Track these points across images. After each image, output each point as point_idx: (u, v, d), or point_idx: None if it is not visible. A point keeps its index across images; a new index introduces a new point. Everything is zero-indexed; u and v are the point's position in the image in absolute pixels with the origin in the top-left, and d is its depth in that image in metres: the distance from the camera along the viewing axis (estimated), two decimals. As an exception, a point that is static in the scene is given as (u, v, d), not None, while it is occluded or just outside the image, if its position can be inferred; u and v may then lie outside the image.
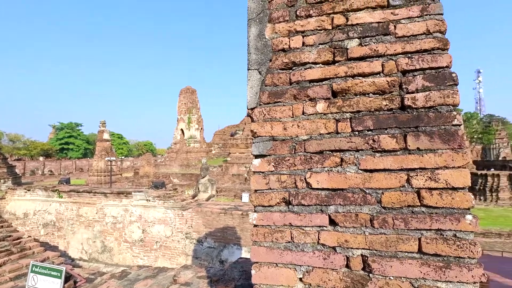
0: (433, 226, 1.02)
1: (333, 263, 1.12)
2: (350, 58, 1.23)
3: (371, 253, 1.08)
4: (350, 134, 1.17)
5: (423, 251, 1.02)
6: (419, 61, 1.14)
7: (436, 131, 1.06)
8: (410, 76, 1.14)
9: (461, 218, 0.99)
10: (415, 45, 1.16)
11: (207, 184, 16.57)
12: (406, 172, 1.08)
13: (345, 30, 1.26)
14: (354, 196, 1.12)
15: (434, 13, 1.17)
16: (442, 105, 1.08)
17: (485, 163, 40.85)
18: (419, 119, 1.09)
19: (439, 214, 1.02)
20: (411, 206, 1.05)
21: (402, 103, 1.13)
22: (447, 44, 1.13)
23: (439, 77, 1.10)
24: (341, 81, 1.22)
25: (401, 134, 1.10)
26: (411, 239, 1.04)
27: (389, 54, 1.18)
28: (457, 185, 1.01)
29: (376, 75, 1.18)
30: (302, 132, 1.24)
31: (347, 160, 1.15)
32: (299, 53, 1.30)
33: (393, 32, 1.20)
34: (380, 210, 1.09)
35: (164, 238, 8.81)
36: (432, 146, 1.06)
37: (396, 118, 1.12)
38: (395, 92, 1.15)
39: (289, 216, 1.20)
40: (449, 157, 1.03)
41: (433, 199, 1.03)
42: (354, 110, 1.18)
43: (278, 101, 1.30)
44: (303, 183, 1.19)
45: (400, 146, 1.09)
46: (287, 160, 1.23)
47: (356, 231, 1.11)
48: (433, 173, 1.04)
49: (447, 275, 0.98)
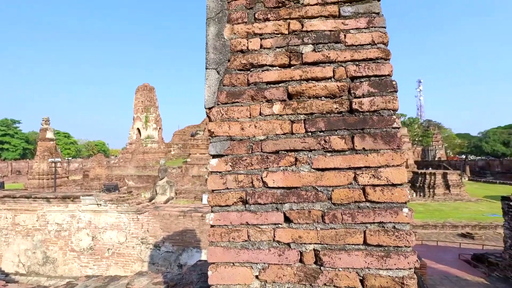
0: (376, 219, 1.11)
1: (287, 258, 1.16)
2: (304, 62, 1.29)
3: (322, 247, 1.14)
4: (304, 135, 1.23)
5: (368, 243, 1.11)
6: (365, 69, 1.24)
7: (379, 133, 1.17)
8: (358, 82, 1.23)
9: (399, 211, 1.10)
10: (362, 53, 1.26)
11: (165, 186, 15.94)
12: (353, 170, 1.16)
13: (301, 36, 1.32)
14: (307, 193, 1.18)
15: (378, 26, 1.28)
16: (384, 109, 1.19)
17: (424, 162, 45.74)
18: (365, 122, 1.19)
19: (381, 208, 1.12)
20: (358, 202, 1.14)
21: (350, 107, 1.22)
22: (389, 54, 1.25)
23: (382, 84, 1.21)
24: (296, 84, 1.27)
25: (349, 135, 1.19)
26: (357, 232, 1.12)
27: (339, 61, 1.27)
28: (396, 181, 1.13)
29: (328, 80, 1.26)
30: (259, 132, 1.26)
31: (301, 160, 1.21)
32: (257, 55, 1.33)
33: (343, 41, 1.29)
34: (331, 207, 1.16)
35: (117, 244, 8.25)
36: (376, 146, 1.16)
37: (345, 120, 1.21)
38: (344, 96, 1.24)
39: (246, 215, 1.21)
40: (389, 157, 1.14)
41: (376, 194, 1.13)
42: (308, 112, 1.24)
43: (236, 101, 1.31)
44: (259, 182, 1.22)
45: (348, 146, 1.18)
46: (244, 160, 1.25)
47: (309, 227, 1.16)
48: (376, 171, 1.14)
49: (387, 263, 1.08)
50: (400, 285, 1.07)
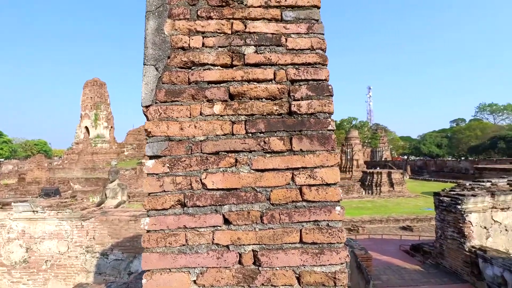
0: (311, 218, 1.15)
1: (226, 261, 1.14)
2: (246, 63, 1.29)
3: (261, 247, 1.15)
4: (245, 135, 1.22)
5: (303, 241, 1.15)
6: (305, 73, 1.28)
7: (315, 134, 1.22)
8: (297, 85, 1.27)
9: (332, 209, 1.16)
10: (301, 58, 1.30)
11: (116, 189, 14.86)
12: (291, 171, 1.19)
13: (243, 37, 1.32)
14: (247, 195, 1.18)
15: (317, 32, 1.34)
16: (320, 112, 1.24)
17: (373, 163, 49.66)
18: (303, 124, 1.23)
19: (316, 207, 1.16)
20: (295, 202, 1.17)
21: (289, 109, 1.25)
22: (326, 60, 1.31)
23: (319, 88, 1.27)
24: (238, 84, 1.27)
25: (288, 137, 1.22)
26: (294, 231, 1.15)
27: (280, 64, 1.30)
28: (330, 181, 1.18)
29: (269, 82, 1.27)
30: (199, 132, 1.23)
31: (241, 161, 1.20)
32: (199, 53, 1.29)
33: (285, 44, 1.32)
34: (269, 207, 1.17)
35: (58, 255, 7.46)
36: (312, 148, 1.20)
37: (284, 122, 1.23)
38: (284, 98, 1.26)
39: (183, 219, 1.17)
40: (324, 158, 1.20)
41: (312, 194, 1.17)
42: (249, 113, 1.24)
43: (176, 100, 1.26)
44: (198, 184, 1.19)
45: (287, 147, 1.21)
46: (183, 161, 1.21)
47: (247, 228, 1.16)
48: (312, 171, 1.19)
49: (321, 259, 1.13)
50: (333, 279, 1.12)
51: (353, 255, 5.93)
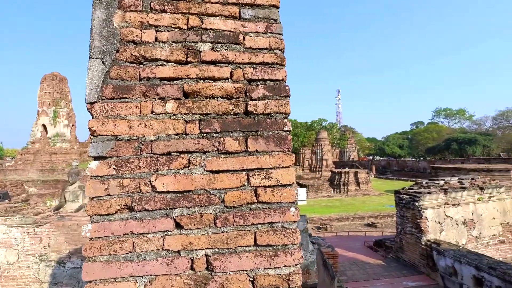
0: (266, 220, 1.14)
1: (176, 267, 1.08)
2: (202, 61, 1.24)
3: (214, 252, 1.11)
4: (199, 135, 1.18)
5: (258, 244, 1.12)
6: (262, 72, 1.26)
7: (271, 135, 1.20)
8: (254, 85, 1.25)
9: (287, 210, 1.15)
10: (259, 57, 1.28)
11: (77, 192, 13.91)
12: (246, 172, 1.17)
13: (199, 33, 1.27)
14: (200, 197, 1.13)
15: (276, 32, 1.32)
16: (277, 113, 1.23)
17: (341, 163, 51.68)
18: (259, 124, 1.21)
19: (271, 208, 1.15)
20: (250, 203, 1.15)
21: (246, 109, 1.22)
22: (284, 60, 1.30)
23: (276, 88, 1.25)
24: (193, 82, 1.21)
25: (244, 137, 1.19)
26: (248, 234, 1.13)
27: (237, 62, 1.26)
28: (285, 182, 1.17)
29: (225, 81, 1.24)
30: (149, 132, 1.16)
31: (194, 162, 1.15)
32: (151, 48, 1.22)
33: (242, 43, 1.29)
34: (223, 209, 1.14)
35: (6, 265, 6.79)
36: (268, 148, 1.19)
37: (240, 122, 1.20)
38: (241, 98, 1.23)
39: (131, 224, 1.09)
40: (280, 158, 1.18)
41: (267, 195, 1.15)
42: (203, 112, 1.20)
43: (125, 97, 1.17)
44: (148, 187, 1.12)
45: (242, 148, 1.18)
46: (131, 162, 1.13)
47: (200, 232, 1.11)
48: (267, 172, 1.17)
49: (275, 262, 1.12)
50: (287, 281, 1.11)
51: (319, 253, 6.09)
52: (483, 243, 9.18)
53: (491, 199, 9.35)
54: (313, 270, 7.40)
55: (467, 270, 7.01)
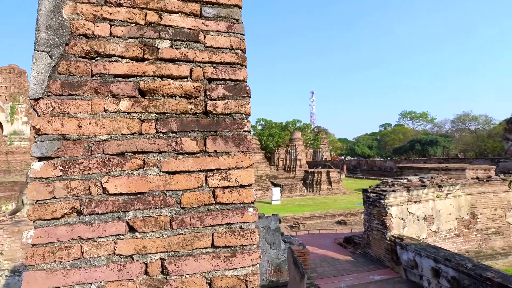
0: (224, 221, 1.13)
1: (129, 273, 1.04)
2: (160, 58, 1.20)
3: (169, 255, 1.08)
4: (154, 135, 1.14)
5: (215, 245, 1.11)
6: (222, 72, 1.25)
7: (231, 135, 1.19)
8: (214, 84, 1.23)
9: (245, 211, 1.15)
10: (220, 56, 1.27)
11: (36, 194, 12.90)
12: (204, 173, 1.15)
13: (158, 29, 1.23)
14: (155, 199, 1.09)
15: (237, 32, 1.32)
16: (237, 113, 1.22)
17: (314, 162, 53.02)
18: (218, 124, 1.19)
19: (229, 209, 1.14)
20: (207, 205, 1.13)
21: (205, 109, 1.20)
22: (245, 61, 1.30)
23: (237, 88, 1.25)
24: (149, 80, 1.17)
25: (202, 137, 1.17)
26: (205, 235, 1.11)
27: (197, 61, 1.24)
28: (244, 183, 1.17)
29: (184, 79, 1.21)
30: (101, 131, 1.10)
31: (149, 162, 1.11)
32: (105, 42, 1.16)
33: (203, 41, 1.27)
34: (180, 211, 1.11)
35: (-50, 276, 6.14)
36: (227, 149, 1.18)
37: (198, 122, 1.18)
38: (200, 97, 1.21)
39: (79, 228, 1.03)
40: (239, 159, 1.18)
41: (225, 196, 1.14)
42: (160, 111, 1.16)
43: (74, 93, 1.10)
44: (98, 189, 1.06)
45: (200, 148, 1.16)
46: (80, 163, 1.06)
47: (155, 235, 1.08)
48: (226, 173, 1.16)
49: (233, 263, 1.11)
50: (244, 282, 1.11)
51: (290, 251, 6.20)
52: (441, 236, 9.88)
53: (448, 196, 10.10)
54: (284, 268, 7.51)
55: (426, 262, 7.50)
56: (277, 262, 7.59)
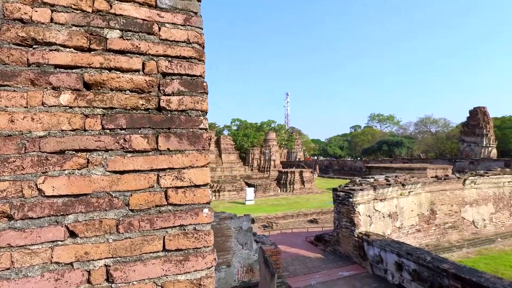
0: (176, 222, 1.07)
1: (68, 282, 0.95)
2: (109, 49, 1.12)
3: (114, 261, 1.00)
4: (100, 132, 1.05)
5: (167, 249, 1.05)
6: (178, 66, 1.19)
7: (185, 133, 1.14)
8: (169, 79, 1.17)
9: (200, 212, 1.10)
10: (176, 50, 1.21)
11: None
12: (156, 172, 1.09)
13: (107, 18, 1.14)
14: (99, 201, 1.01)
15: (195, 26, 1.27)
16: (192, 109, 1.17)
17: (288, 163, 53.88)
18: (172, 121, 1.14)
19: (183, 210, 1.09)
20: (159, 206, 1.07)
21: (158, 104, 1.14)
22: (203, 55, 1.25)
23: (193, 84, 1.20)
24: (96, 72, 1.08)
25: (154, 134, 1.11)
26: (156, 238, 1.05)
27: (151, 54, 1.17)
28: (199, 182, 1.12)
29: (135, 73, 1.14)
30: (38, 126, 0.99)
31: (93, 161, 1.03)
32: (44, 29, 1.05)
33: (157, 33, 1.20)
34: (127, 213, 1.04)
35: None
36: (181, 147, 1.12)
37: (150, 118, 1.11)
38: (153, 92, 1.15)
39: (8, 235, 0.92)
40: (194, 158, 1.13)
41: (178, 197, 1.09)
42: (107, 106, 1.08)
43: (6, 84, 0.99)
44: (33, 191, 0.95)
45: (152, 146, 1.09)
46: (11, 162, 0.95)
47: (99, 239, 0.99)
48: (180, 172, 1.11)
49: (186, 267, 1.06)
50: (198, 286, 1.07)
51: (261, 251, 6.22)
52: (404, 232, 10.47)
53: (410, 194, 10.72)
54: (256, 268, 7.52)
55: (390, 257, 7.89)
56: (249, 262, 7.58)
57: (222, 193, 25.51)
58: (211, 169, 29.32)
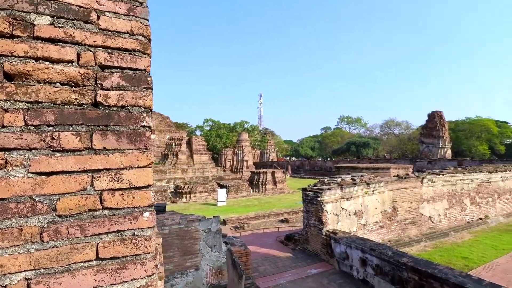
0: (112, 228, 0.99)
1: (-23, 300, 0.83)
2: (36, 37, 1.00)
3: (37, 273, 0.89)
4: (22, 128, 0.94)
5: (101, 257, 0.96)
6: (119, 59, 1.11)
7: (125, 131, 1.06)
8: (108, 72, 1.08)
9: (140, 216, 1.03)
10: (117, 41, 1.12)
11: None
12: (90, 173, 0.99)
13: (35, 2, 1.02)
14: (20, 206, 0.90)
15: (140, 16, 1.19)
16: (134, 106, 1.09)
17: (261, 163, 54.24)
18: (110, 118, 1.05)
19: (120, 215, 1.01)
20: (92, 211, 0.98)
21: (95, 99, 1.04)
22: (148, 48, 1.18)
23: (136, 78, 1.12)
24: (19, 61, 0.97)
25: (88, 132, 1.01)
26: (88, 246, 0.95)
27: (87, 44, 1.07)
28: (139, 184, 1.05)
29: (68, 64, 1.03)
30: None
31: (13, 162, 0.91)
32: (-46, 10, 0.92)
33: (96, 22, 1.10)
34: (54, 220, 0.93)
35: None
36: (119, 146, 1.04)
37: (85, 114, 1.02)
38: (89, 86, 1.05)
39: None
40: (134, 157, 1.05)
41: (115, 200, 1.00)
42: (33, 100, 0.96)
43: None
44: None
45: (85, 145, 1.00)
46: None
47: (17, 250, 0.88)
48: (117, 173, 1.02)
49: (122, 276, 0.98)
50: (137, 296, 0.99)
51: (229, 252, 6.15)
52: (368, 229, 10.96)
53: (374, 192, 11.26)
54: (225, 270, 7.42)
55: (355, 253, 8.21)
56: (218, 264, 7.46)
57: (194, 195, 24.99)
58: (182, 170, 28.61)
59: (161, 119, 50.24)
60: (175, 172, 28.90)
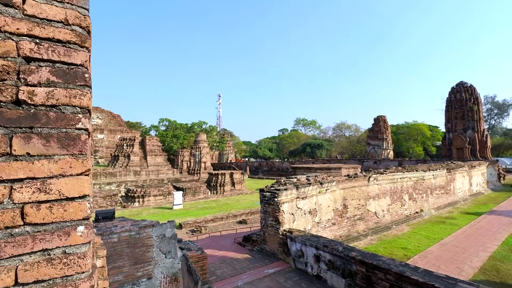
0: (36, 247, 0.85)
1: None
2: None
3: None
4: None
5: (21, 282, 0.82)
6: (49, 51, 0.96)
7: (55, 133, 0.92)
8: (34, 66, 0.93)
9: (72, 231, 0.90)
10: (47, 31, 0.97)
11: None
12: (7, 184, 0.84)
13: None
14: None
15: (77, 5, 1.05)
16: (67, 105, 0.96)
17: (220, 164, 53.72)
18: (36, 119, 0.90)
19: (47, 231, 0.87)
20: (10, 228, 0.83)
21: (16, 96, 0.89)
22: (86, 41, 1.05)
23: (70, 74, 0.98)
24: None
25: (6, 135, 0.86)
26: (3, 271, 0.80)
27: (8, 32, 0.91)
28: (72, 194, 0.92)
29: (-21, 53, 0.86)
30: None
31: None
32: None
33: (21, 7, 0.94)
34: (-44, 242, 0.77)
35: None
36: (47, 151, 0.90)
37: (2, 114, 0.86)
38: (9, 81, 0.89)
39: None
40: (66, 164, 0.92)
41: (41, 214, 0.87)
42: None
43: None
44: None
45: (3, 150, 0.84)
46: None
47: None
48: (44, 183, 0.88)
49: (50, 302, 0.84)
50: (68, 323, 0.86)
51: (184, 258, 5.92)
52: (322, 226, 11.53)
53: (327, 191, 11.89)
54: (181, 277, 7.13)
55: (310, 250, 8.55)
56: (173, 271, 7.14)
57: (147, 199, 23.68)
58: (134, 173, 26.93)
59: (111, 118, 46.75)
60: (126, 175, 27.06)
